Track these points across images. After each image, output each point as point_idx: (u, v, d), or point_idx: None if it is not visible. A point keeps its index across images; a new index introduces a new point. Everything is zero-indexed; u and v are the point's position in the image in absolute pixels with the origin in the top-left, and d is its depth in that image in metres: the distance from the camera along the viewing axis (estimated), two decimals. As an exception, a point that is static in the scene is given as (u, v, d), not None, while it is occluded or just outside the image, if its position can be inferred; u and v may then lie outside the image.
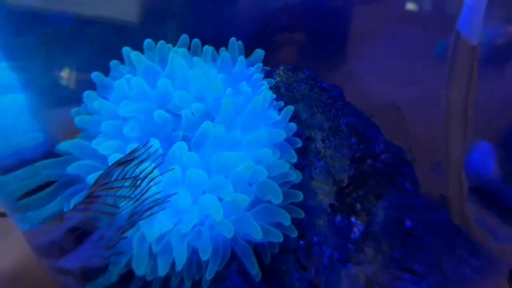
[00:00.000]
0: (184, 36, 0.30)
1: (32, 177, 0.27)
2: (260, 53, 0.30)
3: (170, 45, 0.30)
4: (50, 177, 0.28)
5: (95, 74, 0.29)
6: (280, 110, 0.28)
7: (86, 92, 0.29)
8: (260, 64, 0.29)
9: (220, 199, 0.25)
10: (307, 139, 0.29)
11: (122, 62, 0.30)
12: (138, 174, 0.23)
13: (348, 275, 0.28)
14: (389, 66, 0.35)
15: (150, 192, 0.23)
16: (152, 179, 0.23)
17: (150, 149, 0.24)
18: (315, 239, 0.30)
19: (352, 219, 0.27)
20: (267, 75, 0.31)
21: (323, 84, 0.30)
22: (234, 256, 0.27)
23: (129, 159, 0.23)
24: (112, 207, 0.24)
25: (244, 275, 0.27)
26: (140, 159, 0.23)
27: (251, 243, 0.28)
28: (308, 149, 0.29)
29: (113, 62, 0.29)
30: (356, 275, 0.28)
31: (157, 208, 0.23)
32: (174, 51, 0.28)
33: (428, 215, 0.26)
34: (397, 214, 0.27)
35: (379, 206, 0.27)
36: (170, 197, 0.23)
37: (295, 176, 0.26)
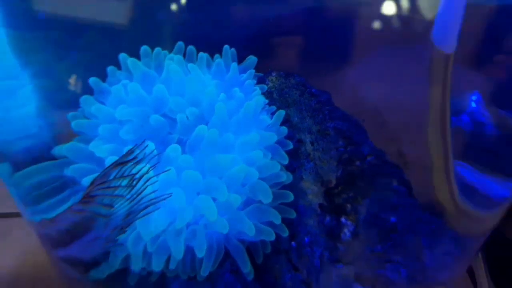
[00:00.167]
0: (180, 43, 0.31)
1: (41, 174, 0.28)
2: (252, 59, 0.32)
3: (166, 51, 0.31)
4: (54, 177, 0.29)
5: (93, 80, 0.30)
6: (272, 114, 0.29)
7: (83, 97, 0.30)
8: (253, 71, 0.30)
9: (214, 200, 0.26)
10: (298, 141, 0.30)
11: (119, 68, 0.31)
12: (135, 174, 0.24)
13: (338, 274, 0.30)
14: (381, 73, 0.36)
15: (146, 192, 0.24)
16: (148, 179, 0.24)
17: (146, 150, 0.25)
18: (306, 239, 0.31)
19: (342, 219, 0.28)
20: (261, 81, 0.32)
21: (312, 90, 0.31)
22: (227, 256, 0.28)
23: (126, 160, 0.24)
24: (108, 206, 0.25)
25: (237, 274, 0.28)
26: (136, 160, 0.24)
27: (244, 243, 0.29)
28: (299, 151, 0.30)
29: (110, 68, 0.30)
30: (346, 274, 0.29)
31: (152, 208, 0.24)
32: (169, 57, 0.29)
33: (413, 213, 0.28)
34: (382, 212, 0.28)
35: (364, 205, 0.28)
36: (165, 196, 0.24)
37: (285, 177, 0.28)
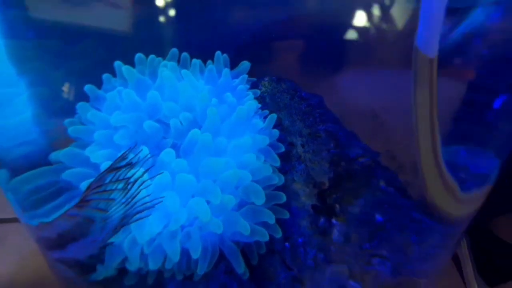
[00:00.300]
0: (174, 50, 0.32)
1: (38, 179, 0.28)
2: (245, 65, 0.32)
3: (160, 58, 0.32)
4: (51, 182, 0.30)
5: (88, 87, 0.31)
6: (265, 118, 0.30)
7: (80, 104, 0.31)
8: (245, 76, 0.31)
9: (209, 202, 0.27)
10: (289, 144, 0.31)
11: (114, 75, 0.32)
12: (129, 178, 0.24)
13: (331, 272, 0.30)
14: (373, 76, 0.37)
15: (140, 196, 0.24)
16: (142, 183, 0.24)
17: (140, 154, 0.25)
18: (300, 240, 0.32)
19: (333, 221, 0.29)
20: (254, 86, 0.33)
21: (302, 94, 0.32)
22: (222, 257, 0.29)
23: (121, 164, 0.24)
24: (104, 210, 0.26)
25: (232, 274, 0.29)
26: (131, 164, 0.24)
27: (239, 245, 0.29)
28: (291, 154, 0.31)
29: (105, 76, 0.31)
30: (338, 272, 0.30)
31: (146, 211, 0.24)
32: (163, 64, 0.30)
33: (403, 212, 0.28)
34: (372, 211, 0.29)
35: (356, 205, 0.29)
36: (159, 200, 0.24)
37: (277, 179, 0.28)
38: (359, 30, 0.32)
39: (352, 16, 0.32)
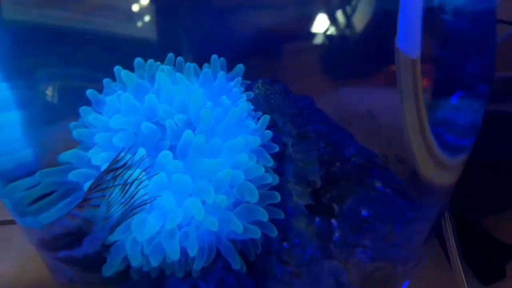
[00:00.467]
0: (170, 55, 0.33)
1: (36, 186, 0.30)
2: (240, 68, 0.33)
3: (158, 63, 0.33)
4: (52, 185, 0.31)
5: (90, 91, 0.32)
6: (258, 120, 0.31)
7: (82, 108, 0.32)
8: (239, 78, 0.32)
9: (204, 202, 0.28)
10: (283, 145, 0.32)
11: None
12: (127, 179, 0.26)
13: (330, 267, 0.31)
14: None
15: (138, 195, 0.26)
16: (140, 182, 0.26)
17: (137, 154, 0.27)
18: (297, 240, 0.32)
19: (326, 219, 0.30)
20: (249, 88, 0.34)
21: (293, 95, 0.33)
22: (219, 256, 0.30)
23: (119, 165, 0.25)
24: (105, 209, 0.27)
25: (230, 270, 0.29)
26: (128, 164, 0.26)
27: (235, 243, 0.30)
28: (285, 154, 0.31)
29: (105, 80, 0.32)
30: (335, 266, 0.31)
31: (142, 208, 0.25)
32: (161, 69, 0.31)
33: (392, 208, 0.29)
34: (364, 209, 0.30)
35: (349, 203, 0.29)
36: (155, 198, 0.26)
37: (271, 179, 0.29)
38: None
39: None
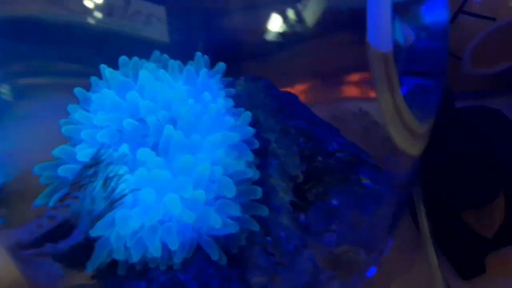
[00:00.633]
0: (156, 52, 0.34)
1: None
2: (221, 65, 0.34)
3: (143, 60, 0.34)
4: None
5: (78, 90, 0.33)
6: (239, 116, 0.31)
7: (70, 105, 0.33)
8: (219, 76, 0.32)
9: (183, 198, 0.28)
10: (264, 140, 0.32)
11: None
12: (108, 173, 0.26)
13: (309, 254, 0.31)
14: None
15: (118, 190, 0.26)
16: (120, 177, 0.26)
17: (119, 150, 0.27)
18: (282, 234, 0.33)
19: (308, 212, 0.30)
20: (231, 85, 0.34)
21: (274, 91, 0.33)
22: (199, 249, 0.30)
23: (98, 161, 0.26)
24: (89, 203, 0.28)
25: (211, 261, 0.30)
26: (109, 160, 0.26)
27: (218, 238, 0.31)
28: (268, 150, 0.32)
29: (93, 78, 0.33)
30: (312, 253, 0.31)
31: (121, 202, 0.26)
32: (145, 66, 0.32)
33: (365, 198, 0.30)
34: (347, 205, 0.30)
35: (331, 198, 0.30)
36: (132, 191, 0.26)
37: (251, 174, 0.29)
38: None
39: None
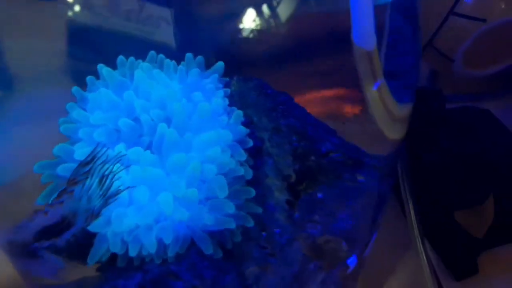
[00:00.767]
0: (152, 52, 0.34)
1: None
2: (220, 65, 0.34)
3: (140, 60, 0.34)
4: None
5: (75, 89, 0.33)
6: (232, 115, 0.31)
7: (69, 104, 0.34)
8: (216, 75, 0.33)
9: (176, 196, 0.29)
10: (258, 139, 0.32)
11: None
12: (104, 172, 0.27)
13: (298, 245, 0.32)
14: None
15: (112, 188, 0.27)
16: (115, 175, 0.27)
17: (115, 149, 0.28)
18: (277, 231, 0.33)
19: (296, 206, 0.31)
20: (227, 85, 0.34)
21: (268, 91, 0.33)
22: (194, 244, 0.31)
23: (93, 159, 0.27)
24: (86, 201, 0.28)
25: (204, 255, 0.30)
26: (104, 159, 0.27)
27: (213, 235, 0.31)
28: (262, 149, 0.32)
29: (89, 78, 0.33)
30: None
31: (115, 199, 0.27)
32: (140, 66, 0.32)
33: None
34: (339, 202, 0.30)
35: (317, 191, 0.31)
36: (126, 189, 0.27)
37: (243, 171, 0.30)
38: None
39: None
